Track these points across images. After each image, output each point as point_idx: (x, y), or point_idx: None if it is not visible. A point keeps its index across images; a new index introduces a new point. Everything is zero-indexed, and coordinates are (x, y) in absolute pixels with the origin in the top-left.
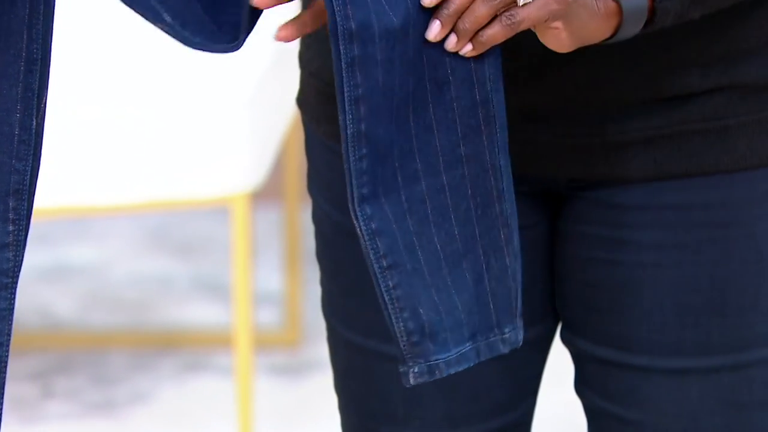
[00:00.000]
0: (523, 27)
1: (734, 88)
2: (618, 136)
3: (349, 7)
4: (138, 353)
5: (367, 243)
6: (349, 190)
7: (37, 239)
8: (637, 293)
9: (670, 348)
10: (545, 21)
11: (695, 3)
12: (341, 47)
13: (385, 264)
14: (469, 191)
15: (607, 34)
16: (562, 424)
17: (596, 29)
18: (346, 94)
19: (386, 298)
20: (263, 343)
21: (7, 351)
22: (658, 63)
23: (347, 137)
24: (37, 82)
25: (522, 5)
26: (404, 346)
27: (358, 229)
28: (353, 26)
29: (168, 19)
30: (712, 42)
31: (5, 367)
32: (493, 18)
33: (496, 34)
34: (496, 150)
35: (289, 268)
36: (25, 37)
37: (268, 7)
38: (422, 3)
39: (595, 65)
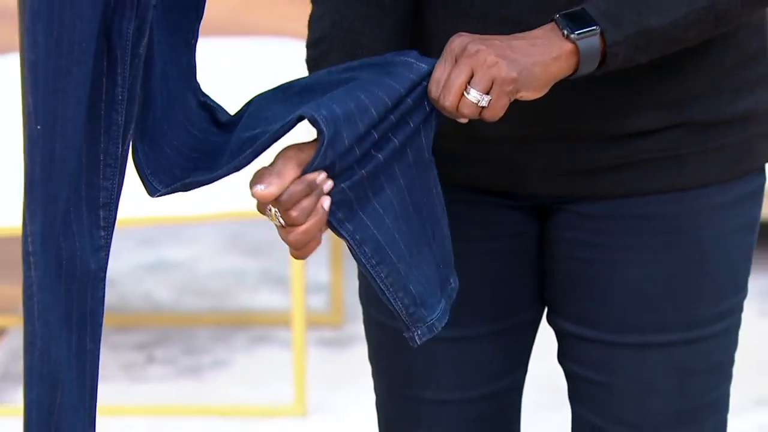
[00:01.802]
0: (497, 117)
1: (685, 125)
2: (595, 163)
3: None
4: (218, 329)
5: (357, 251)
6: (330, 219)
7: (142, 241)
8: (608, 284)
9: (634, 327)
10: (510, 100)
11: (639, 49)
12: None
13: (374, 262)
14: (417, 185)
15: (570, 71)
16: (547, 388)
17: (558, 71)
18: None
19: (382, 287)
20: (314, 322)
21: (101, 329)
22: (627, 107)
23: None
24: (122, 119)
25: (485, 106)
26: (405, 317)
27: (347, 244)
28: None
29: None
30: (669, 89)
31: (99, 339)
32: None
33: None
34: (430, 148)
35: (334, 264)
36: (105, 83)
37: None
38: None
39: (578, 108)
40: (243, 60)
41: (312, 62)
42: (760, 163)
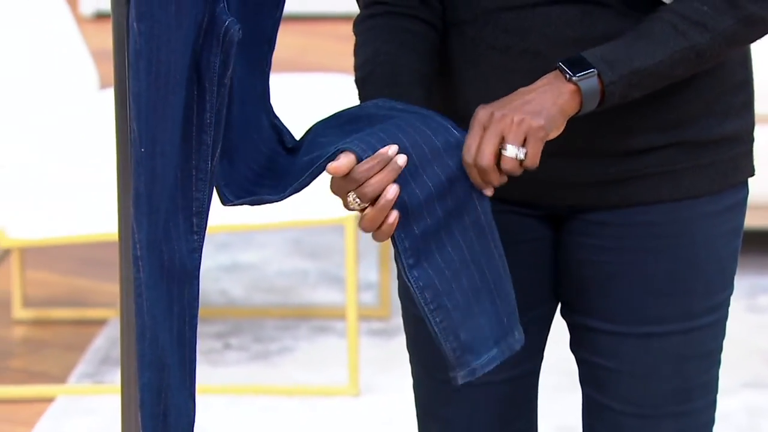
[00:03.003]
0: (537, 165)
1: (681, 144)
2: (605, 176)
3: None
4: (284, 321)
5: (418, 295)
6: (399, 264)
7: (219, 246)
8: (615, 282)
9: (638, 319)
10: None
11: (633, 86)
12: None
13: (432, 307)
14: (477, 247)
15: (577, 108)
16: (561, 372)
17: (569, 107)
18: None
19: (435, 329)
20: (365, 315)
21: (196, 319)
22: (633, 128)
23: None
24: (210, 139)
25: (523, 159)
26: (451, 359)
27: (410, 288)
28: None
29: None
30: (668, 113)
31: (195, 328)
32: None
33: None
34: (488, 215)
35: (383, 266)
36: (195, 109)
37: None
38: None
39: (592, 129)
40: (307, 93)
41: (360, 82)
42: (744, 177)
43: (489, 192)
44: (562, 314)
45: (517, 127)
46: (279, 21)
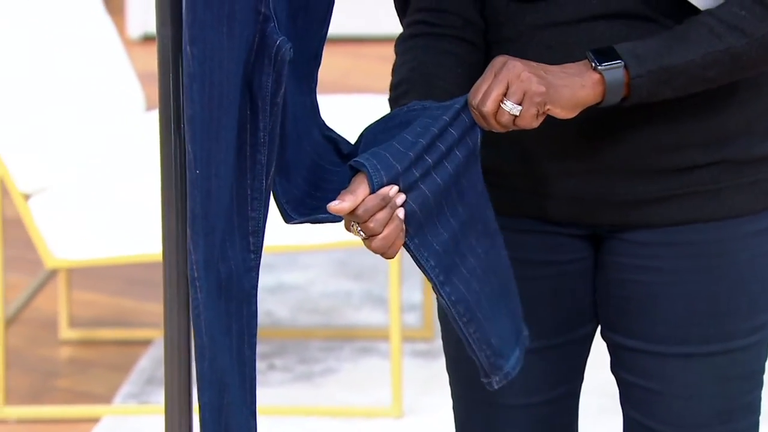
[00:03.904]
0: (529, 126)
1: (723, 162)
2: (645, 195)
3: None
4: (328, 342)
5: (452, 309)
6: (432, 283)
7: (265, 266)
8: (657, 302)
9: (680, 339)
10: (540, 112)
11: (662, 83)
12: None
13: (465, 320)
14: (490, 249)
15: (598, 99)
16: (602, 394)
17: (586, 96)
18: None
19: (470, 341)
20: (409, 336)
21: (255, 337)
22: (676, 146)
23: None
24: (264, 158)
25: (518, 116)
26: (486, 366)
27: (444, 305)
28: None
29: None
30: (710, 131)
31: (254, 346)
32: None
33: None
34: (493, 217)
35: (426, 287)
36: (249, 129)
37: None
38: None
39: (634, 146)
40: (351, 115)
41: (392, 101)
42: None
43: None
44: (603, 335)
45: (519, 83)
46: (325, 37)
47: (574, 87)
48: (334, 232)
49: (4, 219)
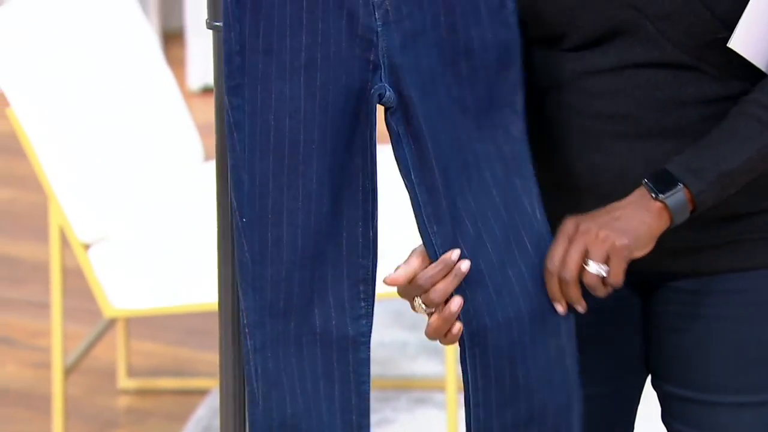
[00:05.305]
0: (620, 283)
1: None
2: (696, 243)
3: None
4: (384, 392)
5: None
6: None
7: None
8: (708, 351)
9: (732, 388)
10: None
11: (725, 187)
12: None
13: None
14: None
15: (668, 224)
16: None
17: (657, 226)
18: None
19: None
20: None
21: (366, 385)
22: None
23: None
24: (371, 206)
25: (606, 276)
26: None
27: None
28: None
29: None
30: (762, 179)
31: (365, 394)
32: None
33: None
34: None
35: None
36: (361, 177)
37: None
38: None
39: None
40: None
41: None
42: None
43: (560, 309)
44: (653, 384)
45: (601, 244)
46: (518, 83)
47: (646, 224)
48: None
49: (64, 269)
